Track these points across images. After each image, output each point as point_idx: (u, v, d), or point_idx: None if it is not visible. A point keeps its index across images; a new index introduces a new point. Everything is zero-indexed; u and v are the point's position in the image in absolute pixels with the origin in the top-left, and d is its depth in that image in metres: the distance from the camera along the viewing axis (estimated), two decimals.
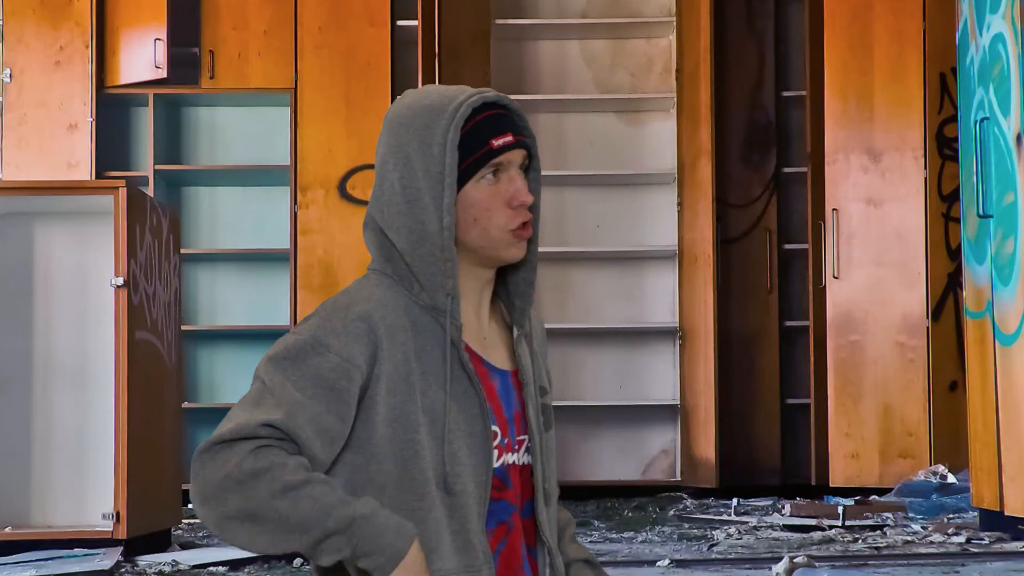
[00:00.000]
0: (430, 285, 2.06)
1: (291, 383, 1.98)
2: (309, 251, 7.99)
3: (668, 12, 8.68)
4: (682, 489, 8.34)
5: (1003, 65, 5.60)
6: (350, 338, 2.01)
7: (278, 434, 1.95)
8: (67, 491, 5.75)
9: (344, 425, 2.00)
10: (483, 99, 2.09)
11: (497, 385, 2.13)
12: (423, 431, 2.02)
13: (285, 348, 2.01)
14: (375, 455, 2.02)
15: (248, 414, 1.96)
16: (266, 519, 1.91)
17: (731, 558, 5.40)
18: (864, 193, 7.90)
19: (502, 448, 2.10)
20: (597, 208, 8.68)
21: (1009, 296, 5.56)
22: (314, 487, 1.92)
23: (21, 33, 7.95)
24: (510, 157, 2.09)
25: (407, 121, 2.09)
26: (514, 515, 2.11)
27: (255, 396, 1.99)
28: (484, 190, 2.08)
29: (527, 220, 2.11)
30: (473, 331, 2.12)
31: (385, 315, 2.04)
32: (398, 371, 2.03)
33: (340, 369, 1.99)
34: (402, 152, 2.08)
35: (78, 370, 5.78)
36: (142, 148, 8.21)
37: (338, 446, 2.00)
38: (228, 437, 1.94)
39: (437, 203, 2.05)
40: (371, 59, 8.05)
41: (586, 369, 8.58)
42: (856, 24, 7.90)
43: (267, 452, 1.93)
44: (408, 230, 2.07)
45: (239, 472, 1.91)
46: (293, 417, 1.96)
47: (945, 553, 5.40)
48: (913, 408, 7.70)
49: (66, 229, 5.83)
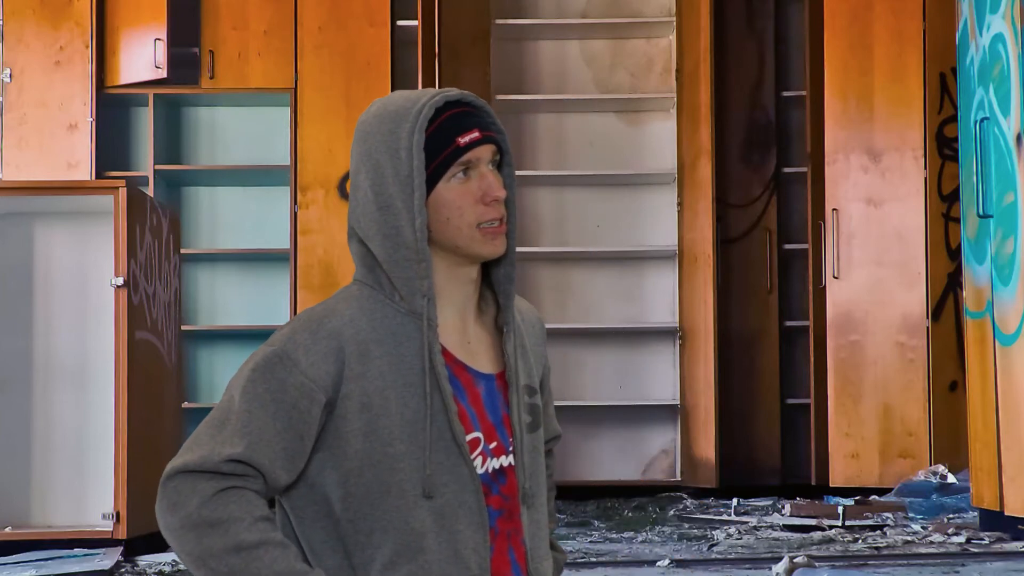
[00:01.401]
0: (407, 290, 2.06)
1: (257, 401, 2.00)
2: (309, 251, 7.99)
3: (668, 12, 8.68)
4: (682, 489, 8.34)
5: (1003, 65, 5.60)
6: (318, 356, 2.02)
7: (240, 468, 1.98)
8: (67, 491, 5.75)
9: (304, 443, 2.01)
10: (446, 98, 2.09)
11: (482, 390, 2.12)
12: (402, 443, 2.02)
13: (255, 363, 2.03)
14: (352, 470, 2.02)
15: (212, 442, 1.99)
16: (215, 572, 1.95)
17: (731, 558, 5.40)
18: (864, 193, 7.90)
19: (486, 455, 2.09)
20: (597, 208, 8.68)
21: (1009, 296, 5.56)
22: (267, 551, 1.95)
23: (21, 33, 7.95)
24: (478, 154, 2.08)
25: (373, 129, 2.10)
26: (500, 520, 2.10)
27: (220, 417, 2.02)
28: (455, 189, 2.08)
29: (500, 216, 2.10)
30: (456, 335, 2.12)
31: (359, 330, 2.04)
32: (373, 385, 2.03)
33: (303, 389, 2.01)
34: (371, 160, 2.09)
35: (78, 370, 5.79)
36: (142, 148, 8.21)
37: (299, 463, 2.02)
38: (193, 468, 1.98)
39: (408, 207, 2.05)
40: (371, 59, 8.05)
41: (586, 369, 8.58)
42: (856, 24, 7.89)
43: (226, 499, 1.96)
44: (383, 237, 2.07)
45: (198, 517, 1.96)
46: (254, 447, 1.98)
47: (945, 553, 5.40)
48: (913, 408, 7.70)
49: (66, 229, 5.83)
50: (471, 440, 2.08)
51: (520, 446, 2.13)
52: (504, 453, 2.11)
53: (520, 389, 2.15)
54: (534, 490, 2.15)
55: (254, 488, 1.99)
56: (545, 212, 8.69)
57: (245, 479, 1.99)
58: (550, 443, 2.35)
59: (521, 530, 2.13)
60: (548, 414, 2.32)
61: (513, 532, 2.12)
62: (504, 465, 2.11)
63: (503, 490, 2.11)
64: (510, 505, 2.12)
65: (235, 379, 2.05)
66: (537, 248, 8.58)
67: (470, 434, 2.08)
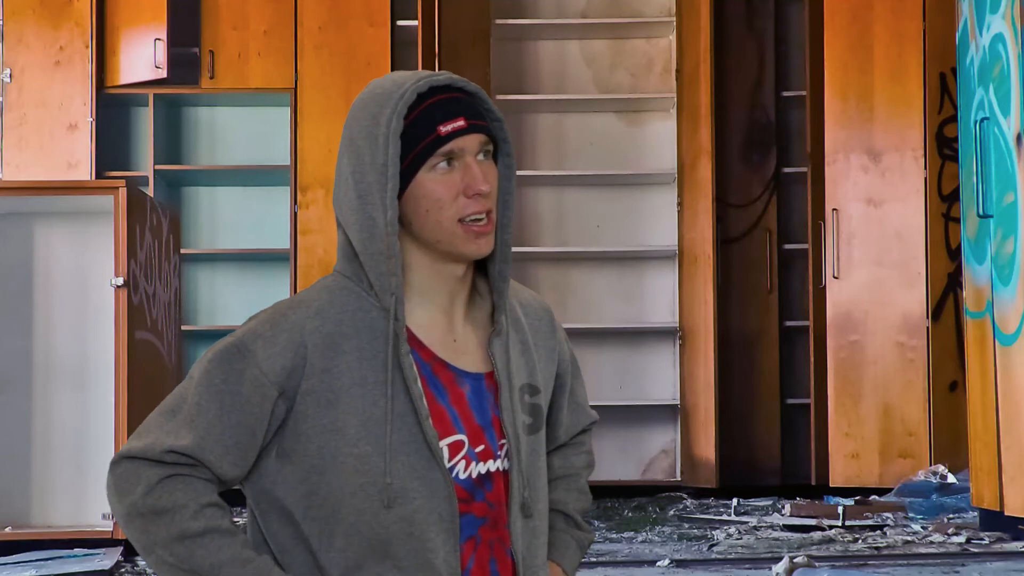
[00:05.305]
0: (379, 285, 1.96)
1: (210, 393, 1.94)
2: (309, 251, 7.99)
3: (668, 12, 8.68)
4: (682, 489, 8.34)
5: (1003, 65, 5.60)
6: (276, 349, 1.94)
7: (185, 459, 1.92)
8: (67, 491, 5.75)
9: (255, 438, 1.94)
10: (431, 83, 1.97)
11: (467, 390, 2.01)
12: (367, 444, 1.93)
13: (215, 352, 1.97)
14: (313, 468, 1.94)
15: (159, 431, 1.94)
16: (162, 561, 1.92)
17: (731, 558, 5.40)
18: (864, 193, 7.90)
19: (470, 458, 1.99)
20: (597, 208, 8.68)
21: (1009, 296, 5.55)
22: (212, 539, 1.91)
23: (21, 33, 7.95)
24: (463, 143, 1.96)
25: (358, 112, 2.00)
26: (483, 528, 1.99)
27: (173, 404, 1.96)
28: (436, 180, 1.96)
29: (484, 210, 1.97)
30: (439, 333, 2.01)
31: (324, 323, 1.96)
32: (340, 381, 1.94)
33: (257, 383, 1.93)
34: (353, 145, 1.98)
35: (78, 370, 5.79)
36: (142, 148, 8.21)
37: (251, 457, 1.95)
38: (137, 455, 1.93)
39: (383, 197, 1.95)
40: (371, 59, 8.05)
41: (586, 369, 8.55)
42: (856, 24, 7.89)
43: (171, 486, 1.92)
44: (359, 227, 1.97)
45: (143, 505, 1.91)
46: (202, 440, 1.93)
47: (945, 553, 5.40)
48: (913, 408, 7.70)
49: (66, 229, 5.83)
50: (453, 443, 1.98)
51: (516, 450, 2.02)
52: (492, 457, 2.01)
53: (515, 390, 2.04)
54: (533, 500, 2.05)
55: (202, 476, 1.94)
56: (545, 212, 8.69)
57: (191, 468, 1.93)
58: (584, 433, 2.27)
59: (507, 540, 2.02)
60: (577, 403, 2.23)
61: (497, 542, 2.01)
62: (492, 470, 2.01)
63: (489, 497, 2.00)
64: (495, 513, 2.01)
65: (196, 365, 1.98)
66: (537, 248, 8.58)
67: (452, 436, 1.98)
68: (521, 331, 2.09)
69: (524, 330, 2.10)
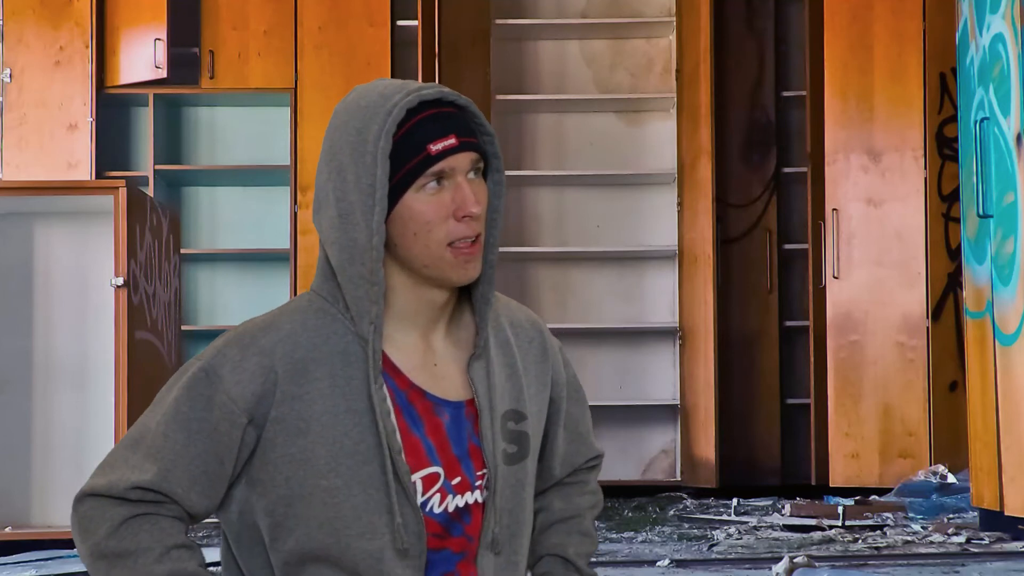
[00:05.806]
0: (356, 310, 1.87)
1: (176, 421, 1.85)
2: (309, 251, 7.99)
3: (668, 12, 8.68)
4: (682, 489, 8.34)
5: (1003, 65, 5.60)
6: (245, 374, 1.85)
7: (150, 496, 1.84)
8: (67, 491, 5.73)
9: (224, 467, 1.86)
10: (420, 98, 1.86)
11: (445, 420, 1.92)
12: (338, 476, 1.85)
13: (183, 380, 1.89)
14: (280, 499, 1.86)
15: (124, 466, 1.86)
16: None
17: (731, 558, 5.40)
18: (864, 193, 7.90)
19: (446, 491, 1.90)
20: (597, 208, 8.68)
21: (1009, 296, 5.55)
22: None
23: (21, 33, 7.95)
24: (454, 163, 1.86)
25: (342, 124, 1.90)
26: (461, 563, 1.91)
27: (137, 435, 1.88)
28: (425, 200, 1.86)
29: (474, 234, 1.88)
30: (418, 359, 1.92)
31: (295, 348, 1.87)
32: (312, 409, 1.85)
33: (224, 410, 1.85)
34: (336, 160, 1.90)
35: (78, 370, 5.79)
36: (142, 148, 8.21)
37: (219, 488, 1.87)
38: (101, 492, 1.85)
39: (368, 220, 1.84)
40: (371, 59, 8.05)
41: (586, 369, 8.58)
42: (856, 24, 7.89)
43: (136, 527, 1.84)
44: (340, 247, 1.88)
45: (106, 547, 1.84)
46: (168, 472, 1.85)
47: (945, 553, 5.39)
48: (913, 408, 7.70)
49: (66, 229, 5.83)
50: (428, 475, 1.89)
51: (494, 481, 1.92)
52: (470, 489, 1.92)
53: (498, 416, 1.94)
54: (508, 534, 1.95)
55: (169, 514, 1.86)
56: (545, 212, 8.69)
57: (157, 505, 1.85)
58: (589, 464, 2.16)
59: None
60: (577, 432, 2.13)
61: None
62: (470, 502, 1.92)
63: (467, 530, 1.92)
64: (475, 547, 1.93)
65: (163, 391, 1.91)
66: (537, 248, 8.58)
67: (426, 469, 1.89)
68: (509, 354, 2.00)
69: (513, 353, 2.01)
